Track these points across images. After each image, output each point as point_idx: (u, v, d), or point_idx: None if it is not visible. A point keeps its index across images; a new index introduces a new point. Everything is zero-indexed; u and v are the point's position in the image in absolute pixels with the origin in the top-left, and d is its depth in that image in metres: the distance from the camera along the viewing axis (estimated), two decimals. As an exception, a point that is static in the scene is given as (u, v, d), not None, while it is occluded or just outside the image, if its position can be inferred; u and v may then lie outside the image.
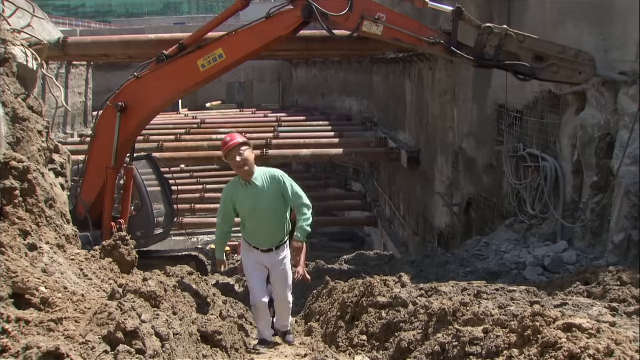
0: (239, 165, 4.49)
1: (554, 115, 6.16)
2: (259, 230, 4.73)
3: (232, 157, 4.49)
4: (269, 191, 4.62)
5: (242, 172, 4.55)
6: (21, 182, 3.26)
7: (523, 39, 5.42)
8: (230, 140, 4.56)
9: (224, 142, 4.63)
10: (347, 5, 5.59)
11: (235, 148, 4.48)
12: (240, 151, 4.49)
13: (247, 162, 4.52)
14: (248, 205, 4.64)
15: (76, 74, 17.91)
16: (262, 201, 4.61)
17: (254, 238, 4.78)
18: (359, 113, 20.05)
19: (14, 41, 4.23)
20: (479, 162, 8.14)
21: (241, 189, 4.64)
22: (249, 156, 4.56)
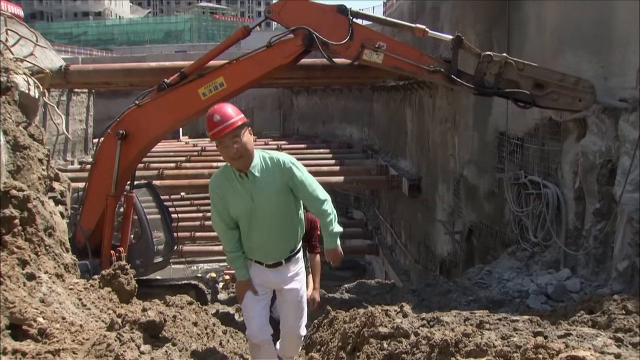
0: (233, 156, 3.38)
1: (554, 142, 6.16)
2: (260, 239, 3.63)
3: (225, 145, 3.35)
4: (272, 183, 3.51)
5: (237, 165, 3.47)
6: (21, 211, 3.24)
7: (523, 66, 5.44)
8: (222, 121, 3.32)
9: (210, 120, 3.35)
10: (347, 34, 5.62)
11: (228, 134, 3.31)
12: (237, 138, 3.35)
13: (245, 152, 3.40)
14: (243, 205, 3.52)
15: (77, 101, 18.02)
16: (262, 198, 3.50)
17: (254, 250, 3.71)
18: (360, 141, 20.10)
19: (17, 69, 4.25)
20: (480, 189, 8.12)
21: (233, 183, 3.52)
22: (247, 141, 3.41)
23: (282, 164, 3.55)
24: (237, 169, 3.50)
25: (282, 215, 3.64)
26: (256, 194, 3.51)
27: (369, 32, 5.83)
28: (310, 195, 3.60)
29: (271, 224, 3.61)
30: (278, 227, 3.64)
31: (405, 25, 6.02)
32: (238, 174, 3.52)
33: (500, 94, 5.65)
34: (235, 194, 3.54)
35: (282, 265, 3.74)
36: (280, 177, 3.54)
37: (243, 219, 3.62)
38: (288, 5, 5.78)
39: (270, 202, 3.55)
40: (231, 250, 3.74)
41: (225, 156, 3.45)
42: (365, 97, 19.04)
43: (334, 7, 5.73)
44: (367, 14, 6.11)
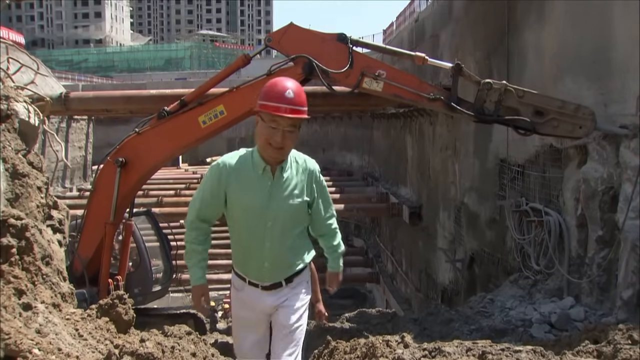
0: (276, 144, 2.89)
1: (555, 169, 6.14)
2: (262, 251, 3.04)
3: (276, 127, 2.87)
4: (296, 186, 3.05)
5: (272, 155, 2.96)
6: (18, 239, 3.21)
7: (522, 94, 5.44)
8: (294, 102, 2.87)
9: (279, 92, 2.87)
10: (347, 62, 5.64)
11: (292, 120, 2.88)
12: (294, 129, 2.93)
13: (289, 147, 2.97)
14: (257, 201, 2.99)
15: (77, 127, 18.10)
16: (281, 200, 3.00)
17: (250, 265, 3.12)
18: (360, 168, 20.12)
19: (17, 97, 4.25)
20: (481, 216, 8.08)
21: (250, 171, 3.01)
22: (294, 139, 2.97)
23: (311, 166, 3.13)
24: (267, 158, 2.98)
25: (295, 226, 3.11)
26: (276, 194, 3.00)
27: (368, 60, 5.86)
28: (326, 207, 3.22)
29: (282, 233, 3.05)
30: (288, 239, 3.08)
31: (405, 53, 6.05)
32: (263, 166, 2.99)
33: (501, 121, 5.65)
34: (250, 186, 3.00)
35: (282, 287, 3.15)
36: (306, 180, 3.10)
37: (248, 220, 3.05)
38: (288, 34, 5.81)
39: (289, 207, 3.04)
40: (193, 241, 3.14)
41: (268, 137, 2.89)
42: (365, 125, 19.10)
43: (334, 35, 5.76)
44: (366, 42, 6.14)
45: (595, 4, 5.32)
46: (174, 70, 68.13)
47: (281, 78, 3.03)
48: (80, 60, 76.40)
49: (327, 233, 3.31)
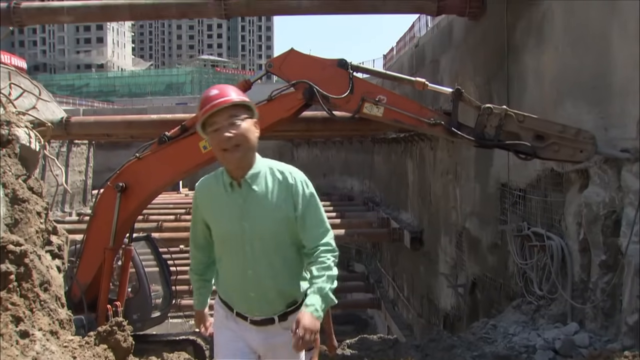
0: (226, 144, 2.52)
1: (557, 193, 6.11)
2: (244, 280, 2.65)
3: (217, 128, 2.53)
4: (271, 199, 2.62)
5: (231, 161, 2.58)
6: (17, 266, 3.20)
7: (523, 118, 5.45)
8: (219, 95, 2.57)
9: (205, 96, 2.62)
10: (347, 88, 5.66)
11: (224, 111, 2.53)
12: (235, 119, 2.54)
13: (245, 142, 2.56)
14: (228, 223, 2.65)
15: (77, 152, 18.15)
16: (256, 218, 2.61)
17: (235, 296, 2.74)
18: (361, 193, 20.09)
19: (19, 123, 4.25)
20: (483, 241, 8.03)
21: (220, 191, 2.66)
22: (249, 130, 2.58)
23: (291, 175, 2.68)
24: (230, 169, 2.63)
25: (280, 249, 2.67)
26: (249, 212, 2.61)
27: (369, 85, 5.87)
28: (313, 225, 2.66)
29: (265, 258, 2.64)
30: (271, 266, 2.65)
31: (405, 78, 6.07)
32: (229, 181, 2.64)
33: (501, 146, 5.64)
34: (221, 208, 2.67)
35: (274, 325, 2.70)
36: (285, 191, 2.64)
37: (224, 246, 2.72)
38: (289, 60, 5.84)
39: (267, 226, 2.62)
40: (193, 269, 2.99)
41: (218, 144, 2.54)
42: (366, 150, 19.13)
43: (334, 61, 5.79)
44: (367, 67, 6.17)
45: (594, 28, 5.35)
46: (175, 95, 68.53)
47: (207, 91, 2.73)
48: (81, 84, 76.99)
49: (313, 259, 2.64)
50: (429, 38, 11.72)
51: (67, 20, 8.45)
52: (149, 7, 8.18)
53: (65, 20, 8.39)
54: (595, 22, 5.33)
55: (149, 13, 8.51)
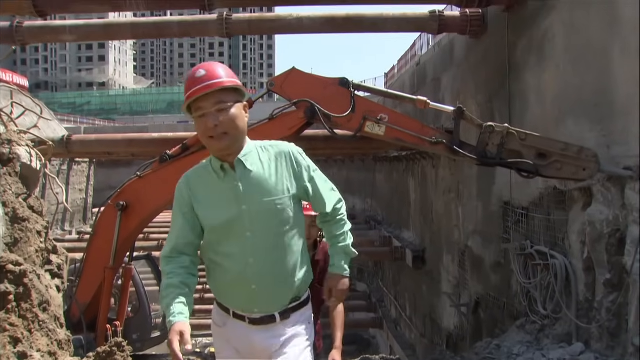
0: (212, 132, 2.39)
1: (560, 212, 6.08)
2: (243, 270, 2.45)
3: (203, 113, 2.39)
4: (269, 176, 2.49)
5: (218, 149, 2.46)
6: (16, 286, 3.17)
7: (525, 136, 5.43)
8: (206, 78, 2.38)
9: (191, 77, 2.44)
10: (349, 107, 5.65)
11: (211, 96, 2.37)
12: (222, 105, 2.39)
13: (233, 129, 2.42)
14: (223, 212, 2.46)
15: (78, 170, 18.16)
16: (254, 201, 2.45)
17: (232, 290, 2.54)
18: (363, 212, 20.04)
19: (20, 141, 4.24)
20: (485, 260, 7.98)
21: (210, 180, 2.52)
22: (238, 116, 2.43)
23: (284, 148, 2.56)
24: (219, 156, 2.48)
25: (284, 230, 2.49)
26: (246, 195, 2.45)
27: (370, 104, 5.87)
28: (325, 189, 2.63)
29: (267, 242, 2.47)
30: (274, 251, 2.48)
31: (406, 97, 6.07)
32: (220, 165, 2.48)
33: (503, 164, 5.62)
34: (214, 196, 2.49)
35: (276, 324, 2.51)
36: (283, 167, 2.52)
37: (223, 237, 2.49)
38: (290, 78, 5.84)
39: (269, 206, 2.45)
40: (169, 275, 2.48)
41: (204, 131, 2.40)
42: (367, 168, 19.11)
43: (336, 80, 5.79)
44: (368, 86, 6.17)
45: (595, 45, 5.35)
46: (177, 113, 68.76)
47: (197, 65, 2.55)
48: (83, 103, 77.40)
49: (331, 218, 2.68)
50: (430, 56, 11.75)
51: (69, 39, 8.48)
52: (150, 26, 8.22)
53: (67, 39, 8.43)
54: (596, 39, 5.34)
55: (150, 32, 8.55)
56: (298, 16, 7.84)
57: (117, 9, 7.36)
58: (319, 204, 2.67)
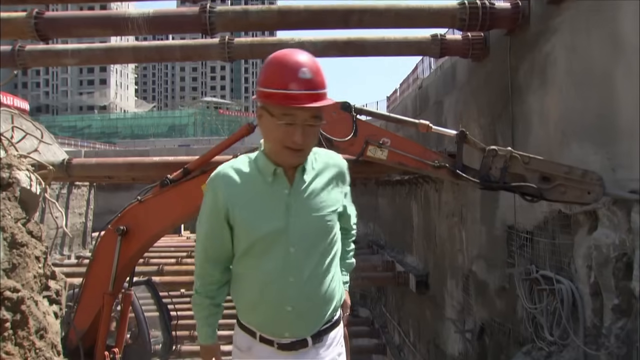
0: (293, 145, 2.16)
1: (565, 235, 6.01)
2: (285, 287, 2.22)
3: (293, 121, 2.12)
4: (322, 190, 2.31)
5: (287, 160, 2.23)
6: (13, 313, 3.10)
7: (528, 160, 5.39)
8: (313, 84, 2.09)
9: (291, 71, 2.07)
10: (351, 131, 5.62)
11: (314, 109, 2.14)
12: (318, 121, 2.19)
13: (308, 149, 2.25)
14: (269, 220, 2.22)
15: (78, 194, 18.12)
16: (304, 211, 2.25)
17: (265, 310, 2.27)
18: (365, 236, 19.93)
19: (20, 165, 4.20)
20: (490, 285, 7.88)
21: (255, 181, 2.28)
22: (316, 136, 2.26)
23: (339, 161, 2.42)
24: (282, 162, 2.23)
25: (328, 250, 2.31)
26: (297, 206, 2.23)
27: (372, 128, 5.84)
28: (352, 212, 2.63)
29: (311, 261, 2.24)
30: (317, 272, 2.25)
31: (408, 121, 6.04)
32: (273, 169, 2.23)
33: (507, 187, 5.56)
34: (258, 201, 2.23)
35: (307, 348, 2.25)
36: (335, 181, 2.36)
37: (261, 249, 2.24)
38: None
39: (319, 223, 2.26)
40: (200, 291, 2.39)
41: (283, 139, 2.13)
42: (369, 192, 19.05)
43: (337, 104, 5.77)
44: (370, 110, 6.15)
45: (598, 68, 5.34)
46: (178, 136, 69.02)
47: (288, 50, 2.17)
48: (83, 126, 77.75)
49: (347, 233, 2.69)
50: (432, 79, 11.77)
51: (71, 63, 8.50)
52: (152, 50, 8.23)
53: (69, 62, 8.44)
54: (598, 62, 5.33)
55: (152, 56, 8.56)
56: (300, 40, 7.86)
57: (119, 33, 7.37)
58: (346, 219, 2.60)
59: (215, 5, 7.13)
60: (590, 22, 5.45)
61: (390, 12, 6.88)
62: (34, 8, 7.00)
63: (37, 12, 6.93)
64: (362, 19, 6.89)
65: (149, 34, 7.31)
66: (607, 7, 5.16)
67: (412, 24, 7.04)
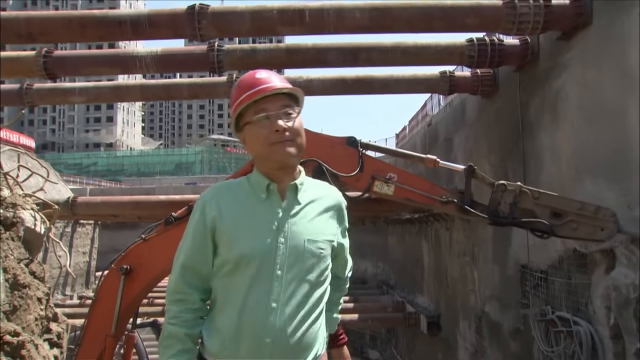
0: (279, 137, 2.06)
1: (582, 275, 5.84)
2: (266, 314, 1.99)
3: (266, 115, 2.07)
4: (320, 222, 2.16)
5: (280, 156, 2.07)
6: (13, 358, 3.00)
7: (538, 195, 5.27)
8: (267, 80, 2.11)
9: (247, 80, 2.13)
10: (357, 166, 5.55)
11: (279, 98, 2.10)
12: (290, 110, 2.10)
13: (298, 139, 2.10)
14: (256, 237, 2.04)
15: (82, 232, 17.99)
16: (297, 232, 2.07)
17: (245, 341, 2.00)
18: (374, 276, 19.71)
19: (24, 205, 4.13)
20: (504, 326, 7.67)
21: (247, 199, 2.13)
22: (302, 129, 2.14)
23: (337, 194, 2.30)
24: (272, 170, 2.11)
25: (316, 283, 2.10)
26: (289, 226, 2.07)
27: (379, 163, 5.77)
28: (344, 263, 2.43)
29: (297, 289, 2.04)
30: (304, 302, 2.05)
31: (415, 156, 5.97)
32: (266, 183, 2.11)
33: (517, 223, 5.42)
34: (247, 219, 2.07)
35: None
36: (333, 212, 2.23)
37: (245, 271, 2.03)
38: None
39: (310, 249, 2.08)
40: (173, 321, 2.09)
41: (267, 134, 2.05)
42: (379, 231, 18.89)
43: (344, 139, 5.71)
44: (377, 145, 6.08)
45: (610, 103, 5.26)
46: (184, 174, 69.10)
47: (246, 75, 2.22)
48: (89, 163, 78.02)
49: (342, 284, 2.47)
50: (441, 116, 11.73)
51: (78, 101, 8.52)
52: (160, 88, 8.24)
53: (76, 100, 8.46)
54: (610, 97, 5.25)
55: (160, 94, 8.56)
56: (308, 78, 7.86)
57: (126, 71, 7.38)
58: (341, 265, 2.41)
59: (223, 44, 7.14)
60: (601, 57, 5.40)
61: (397, 50, 6.86)
62: (42, 47, 7.03)
63: (47, 50, 6.95)
64: (370, 56, 6.87)
65: (156, 72, 7.32)
66: (617, 41, 5.11)
67: (420, 61, 7.00)
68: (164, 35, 6.06)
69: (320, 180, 2.36)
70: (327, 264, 2.15)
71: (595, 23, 5.48)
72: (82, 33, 5.92)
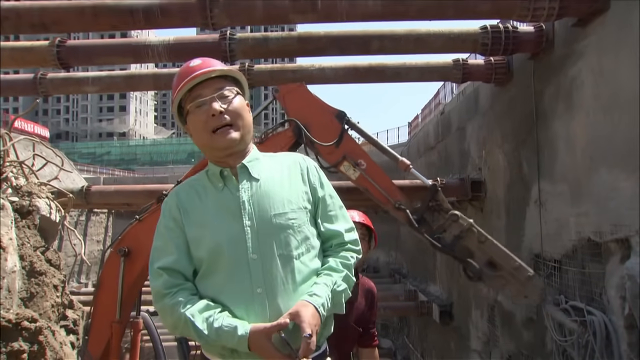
0: (216, 122, 2.01)
1: (596, 264, 5.79)
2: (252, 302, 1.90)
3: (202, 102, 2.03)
4: (284, 191, 2.05)
5: (222, 144, 2.03)
6: (31, 344, 3.05)
7: (484, 239, 5.42)
8: (200, 66, 2.09)
9: (182, 69, 2.15)
10: (334, 140, 5.64)
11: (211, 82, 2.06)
12: (224, 92, 2.05)
13: (238, 121, 2.05)
14: (220, 229, 1.97)
15: (96, 221, 18.14)
16: (260, 210, 1.99)
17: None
18: (387, 264, 19.70)
19: (40, 193, 4.17)
20: (517, 316, 7.65)
21: (207, 191, 2.08)
22: (241, 109, 2.08)
23: (298, 158, 2.20)
24: (220, 158, 2.07)
25: (299, 253, 2.00)
26: (251, 209, 1.99)
27: (355, 146, 5.85)
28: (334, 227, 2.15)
29: (275, 270, 1.94)
30: (289, 280, 1.95)
31: (391, 153, 6.01)
32: (219, 171, 2.06)
33: (453, 256, 5.58)
34: (207, 212, 2.01)
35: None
36: (296, 176, 2.12)
37: (215, 262, 1.96)
38: (295, 92, 5.83)
39: (279, 221, 1.99)
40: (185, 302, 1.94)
41: (205, 121, 2.01)
42: (391, 219, 18.75)
43: (335, 110, 5.78)
44: (360, 128, 6.02)
45: (626, 92, 5.17)
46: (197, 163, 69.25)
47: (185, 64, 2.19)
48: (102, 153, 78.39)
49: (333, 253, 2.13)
50: (454, 105, 11.63)
51: (91, 91, 8.55)
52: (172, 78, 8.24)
53: (90, 90, 8.48)
54: (627, 85, 5.17)
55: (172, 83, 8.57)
56: (320, 66, 7.83)
57: (139, 60, 7.39)
58: (327, 233, 2.17)
59: (235, 32, 7.13)
60: (618, 44, 5.32)
61: (410, 38, 6.80)
62: (56, 37, 7.05)
63: (60, 40, 6.98)
64: (383, 44, 6.82)
65: (169, 61, 7.32)
66: (634, 28, 5.02)
67: (433, 49, 6.94)
68: (176, 24, 6.07)
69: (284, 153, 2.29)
70: (305, 232, 2.03)
71: (613, 9, 5.38)
72: (95, 22, 5.94)
